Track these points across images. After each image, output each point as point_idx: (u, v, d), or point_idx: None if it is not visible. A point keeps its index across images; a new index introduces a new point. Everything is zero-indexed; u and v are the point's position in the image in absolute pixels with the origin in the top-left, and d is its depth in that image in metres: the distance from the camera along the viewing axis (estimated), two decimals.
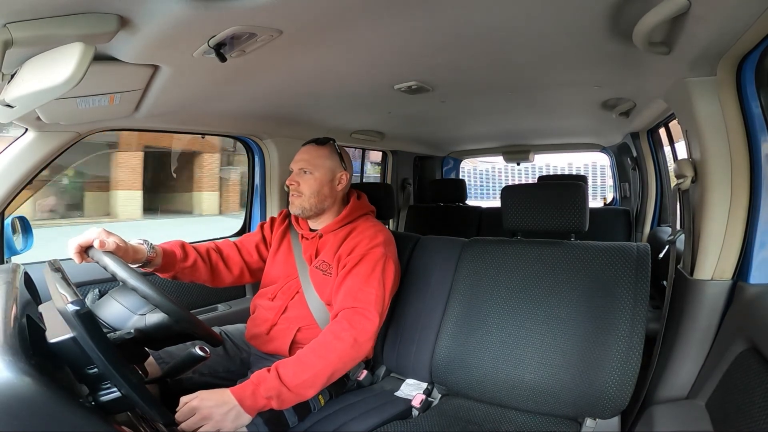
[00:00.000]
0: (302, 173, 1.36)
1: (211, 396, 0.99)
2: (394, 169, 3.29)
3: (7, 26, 0.70)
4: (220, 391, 1.00)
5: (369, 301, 1.19)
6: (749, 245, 1.05)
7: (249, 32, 0.83)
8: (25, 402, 0.58)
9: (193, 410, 0.97)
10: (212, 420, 0.96)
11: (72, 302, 0.70)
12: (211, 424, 0.96)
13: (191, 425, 0.95)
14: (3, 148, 1.29)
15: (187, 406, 0.97)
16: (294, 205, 1.36)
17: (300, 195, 1.35)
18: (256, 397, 1.01)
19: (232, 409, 0.98)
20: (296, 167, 1.37)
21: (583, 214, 1.34)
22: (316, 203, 1.35)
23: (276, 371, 1.04)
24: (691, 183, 1.17)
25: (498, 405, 1.29)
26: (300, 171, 1.36)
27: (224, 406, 0.98)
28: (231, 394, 1.00)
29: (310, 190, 1.34)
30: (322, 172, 1.35)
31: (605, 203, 3.87)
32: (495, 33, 1.02)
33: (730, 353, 0.94)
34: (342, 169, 1.38)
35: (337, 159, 1.38)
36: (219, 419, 0.97)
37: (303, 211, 1.35)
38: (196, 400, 0.98)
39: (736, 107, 1.03)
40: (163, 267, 1.23)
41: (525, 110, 2.09)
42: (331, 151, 1.38)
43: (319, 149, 1.38)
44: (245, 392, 1.01)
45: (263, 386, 1.02)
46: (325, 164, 1.36)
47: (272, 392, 1.02)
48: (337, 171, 1.37)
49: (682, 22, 0.85)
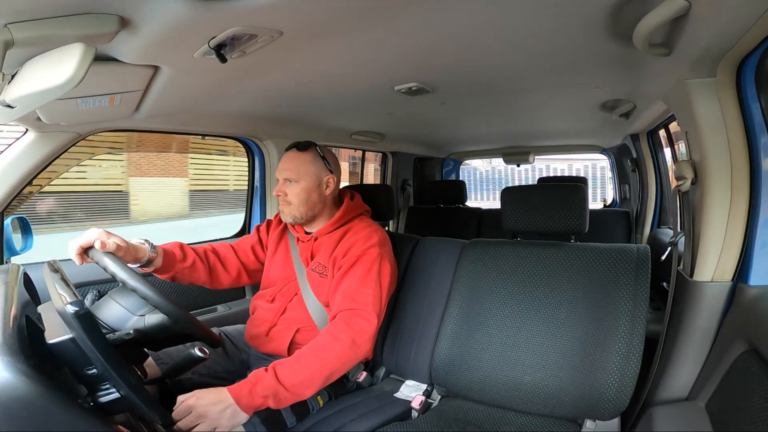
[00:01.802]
0: (287, 183, 1.33)
1: (208, 395, 0.99)
2: (394, 171, 3.29)
3: (7, 26, 0.70)
4: (216, 389, 1.00)
5: (366, 302, 1.19)
6: (749, 247, 1.05)
7: (249, 33, 0.83)
8: (23, 402, 0.58)
9: (190, 408, 0.96)
10: (208, 418, 0.96)
11: (71, 303, 0.70)
12: (207, 423, 0.96)
13: (187, 423, 0.95)
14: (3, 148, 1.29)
15: (184, 404, 0.97)
16: (284, 213, 1.35)
17: (289, 204, 1.33)
18: (253, 395, 1.01)
19: (228, 407, 0.98)
20: (281, 177, 1.34)
21: (583, 216, 1.34)
22: (306, 211, 1.33)
23: (273, 371, 1.05)
24: (691, 185, 1.17)
25: (497, 406, 1.29)
26: (285, 180, 1.33)
27: (220, 404, 0.98)
28: (228, 392, 1.00)
29: (298, 199, 1.32)
30: (307, 180, 1.32)
31: (605, 205, 3.88)
32: (495, 34, 1.02)
33: (730, 355, 0.94)
34: (328, 173, 1.35)
35: (321, 163, 1.34)
36: (215, 417, 0.97)
37: (294, 219, 1.34)
38: (193, 399, 0.98)
39: (736, 109, 1.03)
40: (163, 267, 1.23)
41: (525, 112, 2.09)
42: (314, 156, 1.35)
43: (302, 155, 1.34)
44: (242, 391, 1.01)
45: (260, 385, 1.02)
46: (309, 171, 1.33)
47: (269, 391, 1.02)
48: (323, 175, 1.34)
49: (682, 24, 0.85)
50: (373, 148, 2.97)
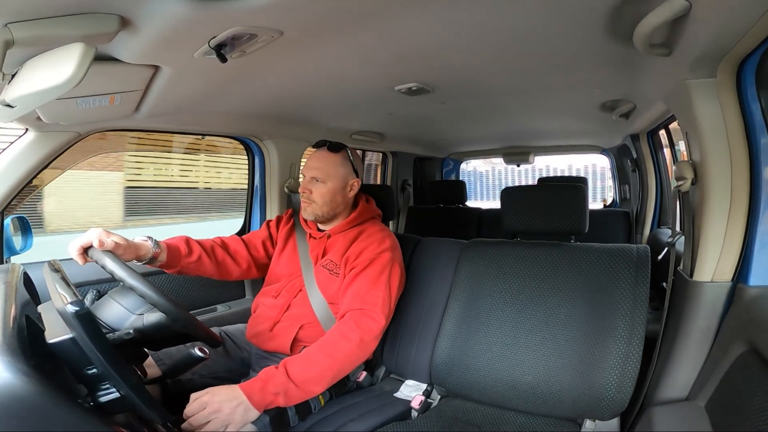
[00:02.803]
0: (314, 181, 1.34)
1: (221, 391, 1.01)
2: (394, 171, 3.29)
3: (8, 26, 0.70)
4: (229, 387, 1.03)
5: (376, 303, 1.22)
6: (749, 247, 1.05)
7: (249, 33, 0.83)
8: (23, 402, 0.58)
9: (204, 405, 0.98)
10: (222, 413, 0.98)
11: (71, 303, 0.70)
12: (221, 418, 0.98)
13: (202, 418, 0.97)
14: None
15: (198, 401, 0.99)
16: (306, 211, 1.37)
17: (312, 203, 1.35)
18: (265, 392, 1.03)
19: (241, 404, 1.00)
20: (308, 174, 1.36)
21: (582, 216, 1.34)
22: (329, 211, 1.36)
23: (284, 368, 1.07)
24: (691, 185, 1.17)
25: (497, 406, 1.29)
26: (312, 179, 1.35)
27: (234, 400, 1.00)
28: (240, 389, 1.02)
29: (323, 199, 1.34)
30: (335, 181, 1.35)
31: (605, 205, 3.87)
32: (495, 34, 1.02)
33: (730, 355, 0.94)
34: (354, 176, 1.38)
35: (349, 166, 1.37)
36: (228, 413, 0.98)
37: (316, 217, 1.37)
38: (207, 396, 1.00)
39: (736, 109, 1.03)
40: (168, 263, 1.24)
41: (525, 112, 2.09)
42: (344, 159, 1.37)
43: (333, 156, 1.36)
44: (254, 388, 1.03)
45: (271, 382, 1.04)
46: (338, 173, 1.35)
47: (280, 388, 1.04)
48: (349, 178, 1.37)
49: (682, 24, 0.85)
50: (373, 148, 2.97)
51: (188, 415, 0.97)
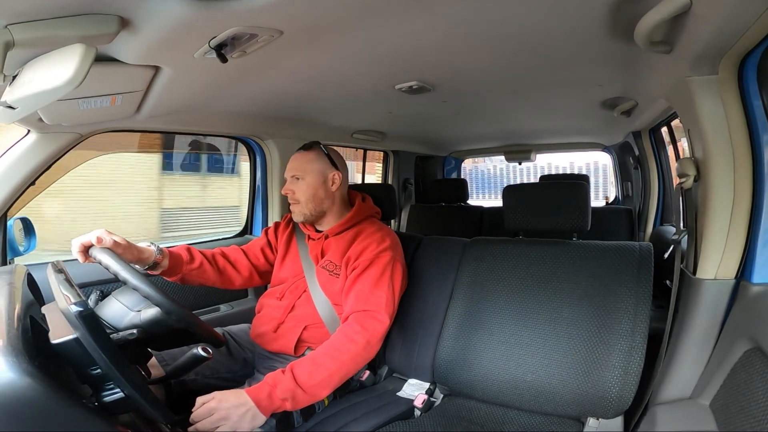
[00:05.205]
0: (295, 180, 1.37)
1: (229, 397, 1.00)
2: (395, 169, 3.29)
3: (8, 27, 0.70)
4: (236, 391, 1.01)
5: (379, 304, 1.22)
6: (752, 244, 1.04)
7: (250, 33, 0.83)
8: (28, 403, 0.58)
9: (211, 411, 0.97)
10: (230, 421, 0.97)
11: (75, 303, 0.70)
12: (229, 425, 0.97)
13: (209, 425, 0.96)
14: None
15: (205, 406, 0.98)
16: (295, 213, 1.39)
17: (298, 202, 1.36)
18: (272, 398, 1.02)
19: (249, 410, 0.99)
20: (288, 176, 1.39)
21: (585, 214, 1.34)
22: (314, 207, 1.37)
23: (291, 372, 1.06)
24: (693, 182, 1.17)
25: (500, 405, 1.29)
26: (293, 179, 1.37)
27: (242, 407, 0.99)
28: (247, 395, 1.00)
29: (305, 196, 1.35)
30: (312, 176, 1.36)
31: (607, 202, 3.87)
32: (496, 32, 1.02)
33: (734, 353, 0.94)
34: (333, 169, 1.38)
35: (325, 160, 1.38)
36: (236, 420, 0.97)
37: (305, 217, 1.37)
38: (214, 401, 0.98)
39: (738, 106, 1.02)
40: (170, 269, 1.24)
41: (526, 110, 2.08)
42: (318, 154, 1.39)
43: (306, 154, 1.39)
44: (261, 393, 1.02)
45: (279, 387, 1.03)
46: (314, 168, 1.37)
47: (288, 393, 1.03)
48: (328, 172, 1.38)
49: (683, 21, 0.85)
50: (374, 147, 2.97)
51: (195, 420, 0.96)
